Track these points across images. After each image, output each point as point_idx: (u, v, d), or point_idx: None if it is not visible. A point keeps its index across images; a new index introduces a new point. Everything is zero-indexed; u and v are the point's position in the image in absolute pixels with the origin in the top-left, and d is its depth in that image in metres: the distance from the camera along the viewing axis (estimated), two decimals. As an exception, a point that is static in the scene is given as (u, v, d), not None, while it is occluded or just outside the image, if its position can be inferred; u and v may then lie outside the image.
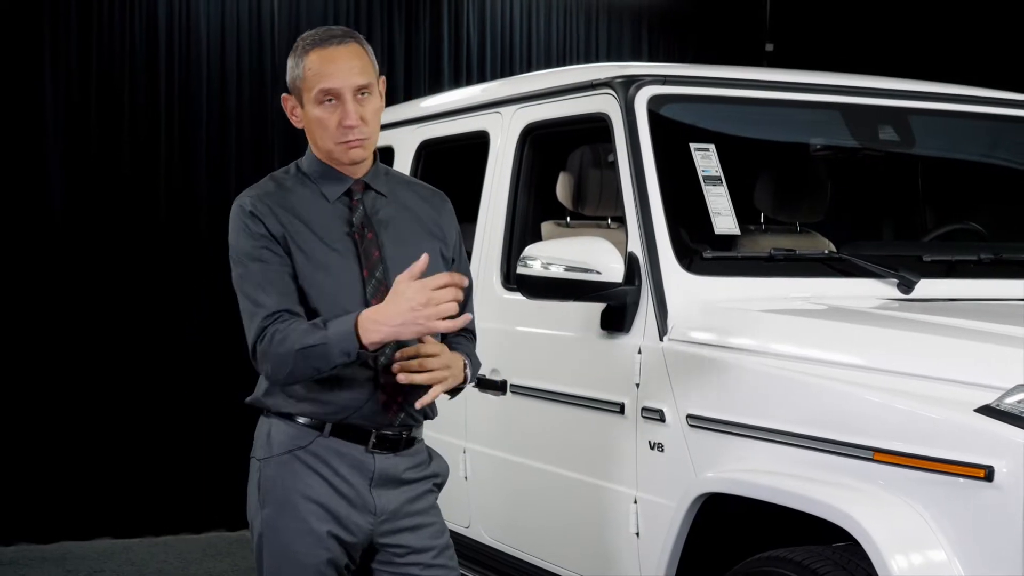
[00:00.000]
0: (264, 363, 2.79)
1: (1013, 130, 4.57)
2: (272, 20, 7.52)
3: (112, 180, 7.10)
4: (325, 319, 2.75)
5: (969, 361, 2.91)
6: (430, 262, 2.82)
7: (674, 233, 3.62)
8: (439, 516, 3.00)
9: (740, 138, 4.21)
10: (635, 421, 3.56)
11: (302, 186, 2.91)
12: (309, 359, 2.72)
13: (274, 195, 2.88)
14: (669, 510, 3.32)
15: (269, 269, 2.80)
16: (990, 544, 2.57)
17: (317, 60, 2.82)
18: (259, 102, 7.46)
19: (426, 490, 2.97)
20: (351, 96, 2.81)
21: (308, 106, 2.85)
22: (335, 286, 2.81)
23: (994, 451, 2.55)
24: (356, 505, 2.84)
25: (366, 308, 2.74)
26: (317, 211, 2.87)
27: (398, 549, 2.90)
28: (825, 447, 2.94)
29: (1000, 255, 4.01)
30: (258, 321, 2.78)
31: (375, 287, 2.82)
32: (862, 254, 3.82)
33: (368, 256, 2.85)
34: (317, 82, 2.81)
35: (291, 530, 2.84)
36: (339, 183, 2.90)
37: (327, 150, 2.87)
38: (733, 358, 3.29)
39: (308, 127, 2.89)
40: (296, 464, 2.84)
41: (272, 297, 2.78)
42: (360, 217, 2.88)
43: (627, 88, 3.80)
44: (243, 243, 2.83)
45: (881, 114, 4.27)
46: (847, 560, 2.78)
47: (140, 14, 7.18)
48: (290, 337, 2.72)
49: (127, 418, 7.11)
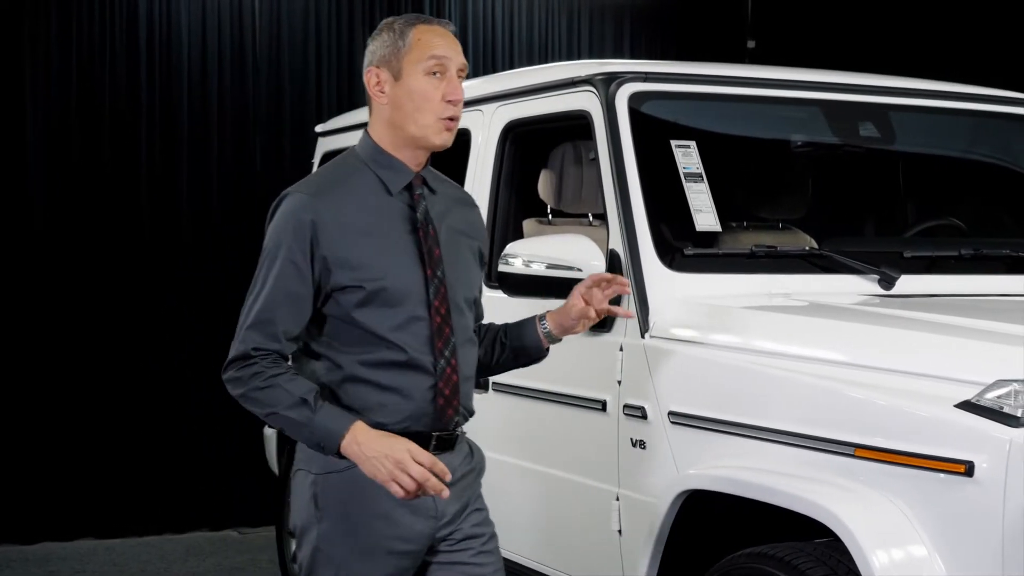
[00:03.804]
0: (234, 387, 2.72)
1: (993, 126, 4.59)
2: (253, 18, 7.50)
3: (93, 177, 7.08)
4: (316, 396, 2.66)
5: (949, 357, 2.92)
6: (472, 261, 2.84)
7: (655, 230, 3.62)
8: (485, 504, 2.95)
9: (721, 135, 4.21)
10: (617, 418, 3.56)
11: (361, 176, 2.79)
12: (280, 423, 2.69)
13: (333, 186, 2.77)
14: (651, 507, 3.32)
15: (291, 296, 2.70)
16: (971, 539, 2.57)
17: (427, 32, 2.77)
18: (240, 100, 7.44)
19: (473, 479, 2.91)
20: (456, 73, 2.77)
21: (410, 77, 2.74)
22: (399, 288, 2.72)
23: (974, 446, 2.55)
24: (419, 512, 2.75)
25: (429, 310, 2.72)
26: (377, 204, 2.77)
27: (452, 538, 2.83)
28: (807, 443, 2.94)
29: (980, 251, 4.03)
30: (249, 347, 2.70)
31: (436, 287, 2.75)
32: (843, 250, 3.82)
33: (431, 255, 2.76)
34: (429, 50, 2.74)
35: (350, 546, 2.75)
36: (401, 175, 2.79)
37: (420, 127, 2.75)
38: (715, 355, 3.29)
39: (399, 103, 2.77)
40: (358, 476, 2.69)
41: (278, 327, 2.70)
42: (423, 213, 2.79)
43: (608, 85, 3.80)
44: (281, 248, 2.71)
45: (861, 110, 4.28)
46: (829, 556, 2.79)
47: (121, 12, 7.15)
48: (274, 394, 2.66)
49: (109, 418, 7.09)
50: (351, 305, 2.70)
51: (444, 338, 2.75)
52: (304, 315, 2.72)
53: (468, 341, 2.84)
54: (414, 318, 2.73)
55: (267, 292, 2.72)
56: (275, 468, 6.05)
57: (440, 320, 2.74)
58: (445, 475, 2.63)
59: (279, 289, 2.71)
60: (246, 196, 7.41)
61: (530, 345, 2.99)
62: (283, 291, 2.71)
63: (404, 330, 2.72)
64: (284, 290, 2.70)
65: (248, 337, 2.71)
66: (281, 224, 2.73)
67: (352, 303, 2.70)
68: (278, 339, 2.71)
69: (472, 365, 2.87)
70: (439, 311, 2.74)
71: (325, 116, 6.88)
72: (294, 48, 7.62)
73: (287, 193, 2.77)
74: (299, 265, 2.70)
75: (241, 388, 2.70)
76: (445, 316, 2.75)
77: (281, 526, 5.78)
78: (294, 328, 2.73)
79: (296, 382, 2.69)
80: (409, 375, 2.73)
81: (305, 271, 2.70)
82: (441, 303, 2.75)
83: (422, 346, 2.73)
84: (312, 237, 2.70)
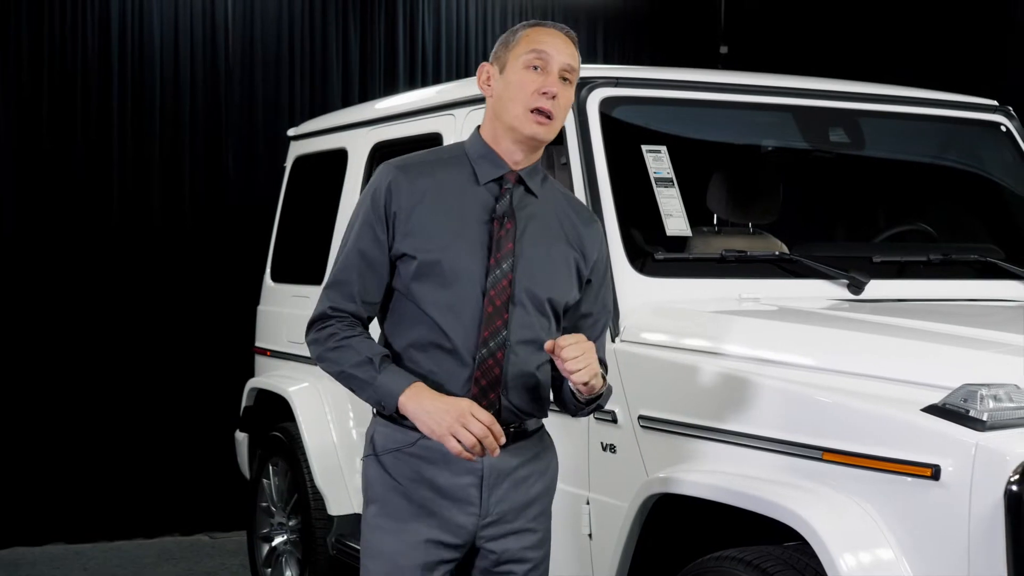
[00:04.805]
0: (314, 348, 2.82)
1: (962, 132, 4.62)
2: (226, 21, 7.48)
3: (64, 183, 7.04)
4: (384, 358, 2.73)
5: (916, 361, 2.94)
6: (561, 267, 2.82)
7: (626, 235, 3.63)
8: (546, 523, 2.91)
9: (692, 140, 4.23)
10: (587, 422, 3.56)
11: (458, 163, 2.84)
12: (348, 382, 2.78)
13: (425, 164, 2.84)
14: (621, 511, 3.33)
15: (366, 259, 2.79)
16: (938, 541, 2.58)
17: (538, 31, 2.81)
18: (212, 102, 7.42)
19: (539, 492, 2.88)
20: (557, 70, 2.78)
21: (511, 70, 2.78)
22: (454, 268, 2.74)
23: (940, 450, 2.57)
24: (460, 504, 2.76)
25: (483, 297, 2.73)
26: (461, 189, 2.80)
27: (495, 555, 2.81)
28: (775, 447, 2.96)
29: (949, 256, 4.06)
30: (327, 305, 2.81)
31: (497, 279, 2.74)
32: (813, 255, 3.85)
33: (500, 246, 2.75)
34: (531, 44, 2.78)
35: (387, 530, 2.79)
36: (495, 167, 2.81)
37: (512, 116, 2.77)
38: (685, 359, 3.30)
39: (499, 94, 2.80)
40: (398, 464, 2.78)
41: (354, 287, 2.79)
42: (504, 206, 2.79)
43: (579, 90, 3.81)
44: (364, 212, 2.81)
45: (832, 116, 4.31)
46: (797, 559, 2.80)
47: (92, 14, 7.12)
48: (345, 354, 2.76)
49: (78, 422, 7.06)
50: (408, 276, 2.77)
51: (493, 329, 2.74)
52: (380, 279, 2.81)
53: (532, 341, 2.79)
54: (464, 302, 2.74)
55: (345, 255, 2.83)
56: (246, 472, 6.04)
57: (492, 310, 2.74)
58: (501, 437, 2.67)
59: (356, 252, 2.81)
60: (218, 200, 7.39)
61: (568, 401, 2.91)
62: (359, 254, 2.80)
63: (451, 312, 2.74)
64: (360, 253, 2.80)
65: (326, 297, 2.83)
66: (366, 191, 2.85)
67: (409, 274, 2.77)
68: (354, 300, 2.80)
69: (532, 366, 2.81)
70: (494, 301, 2.74)
71: (298, 120, 6.87)
72: (266, 51, 7.60)
73: (382, 164, 2.88)
74: (375, 229, 2.78)
75: (319, 348, 2.81)
76: (499, 308, 2.74)
77: (252, 530, 5.77)
78: (371, 291, 2.81)
79: (367, 343, 2.77)
80: (449, 361, 2.75)
81: (380, 235, 2.78)
82: (498, 294, 2.74)
83: (467, 332, 2.74)
84: (386, 202, 2.78)
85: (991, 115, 4.60)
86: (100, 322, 7.12)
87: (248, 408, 5.92)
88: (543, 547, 2.91)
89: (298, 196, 5.97)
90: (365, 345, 2.77)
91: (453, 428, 2.65)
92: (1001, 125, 4.59)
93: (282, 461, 5.47)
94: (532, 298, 2.79)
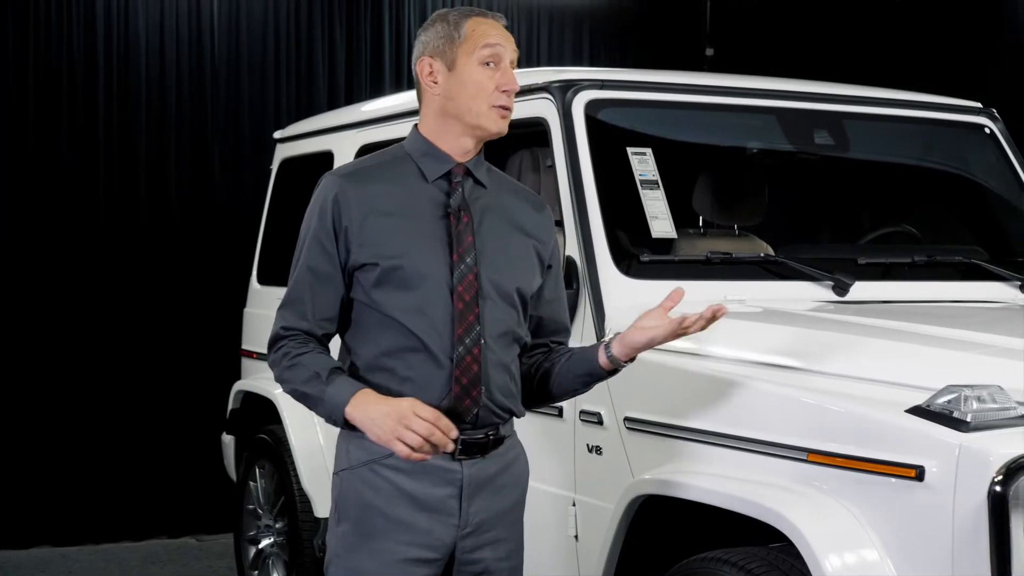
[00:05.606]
0: (272, 369, 2.79)
1: (946, 134, 4.64)
2: (212, 19, 7.47)
3: (50, 184, 7.02)
4: (332, 371, 2.68)
5: (901, 362, 2.96)
6: (523, 256, 2.80)
7: (611, 237, 3.63)
8: (519, 531, 2.86)
9: (677, 142, 4.23)
10: (573, 424, 3.57)
11: (401, 164, 2.80)
12: (303, 401, 2.73)
13: (369, 170, 2.80)
14: (607, 512, 3.33)
15: (318, 275, 2.75)
16: (922, 542, 2.59)
17: (481, 23, 2.78)
18: (198, 104, 7.40)
19: (515, 500, 2.84)
20: (509, 64, 2.78)
21: (464, 68, 2.74)
22: (417, 270, 2.69)
23: (925, 451, 2.58)
24: (439, 515, 2.70)
25: (451, 295, 2.68)
26: (410, 189, 2.77)
27: (471, 566, 2.75)
28: (760, 448, 2.96)
29: (933, 258, 4.07)
30: (279, 326, 2.78)
31: (463, 274, 2.70)
32: (798, 257, 3.86)
33: (460, 241, 2.72)
34: (483, 39, 2.75)
35: (365, 550, 2.71)
36: (441, 163, 2.78)
37: (475, 115, 2.75)
38: (670, 361, 3.31)
39: (452, 93, 2.76)
40: (375, 478, 2.70)
41: (306, 305, 2.75)
42: (458, 200, 2.75)
43: (564, 92, 3.82)
44: (312, 228, 2.77)
45: (816, 118, 4.31)
46: (782, 560, 2.80)
47: (78, 15, 7.10)
48: (296, 372, 2.71)
49: (64, 425, 7.04)
50: (369, 285, 2.71)
51: (466, 325, 2.69)
52: (335, 294, 2.76)
53: (504, 334, 2.77)
54: (433, 302, 2.69)
55: (297, 272, 2.79)
56: (233, 475, 6.03)
57: (463, 306, 2.69)
58: (450, 431, 2.59)
59: (306, 269, 2.77)
60: (204, 202, 7.38)
61: (594, 371, 2.87)
62: (309, 271, 2.76)
63: (420, 314, 2.69)
64: (311, 270, 2.76)
65: (280, 317, 2.79)
66: (312, 206, 2.80)
67: (370, 282, 2.71)
68: (307, 318, 2.76)
69: (508, 359, 2.78)
70: (463, 297, 2.70)
71: (284, 122, 6.87)
72: (252, 53, 7.59)
73: (324, 175, 2.83)
74: (324, 244, 2.74)
75: (276, 370, 2.78)
76: (469, 303, 2.70)
77: (239, 532, 5.77)
78: (325, 307, 2.76)
79: (318, 358, 2.72)
80: (426, 364, 2.69)
81: (331, 249, 2.74)
82: (466, 290, 2.70)
83: (439, 332, 2.69)
84: (335, 214, 2.73)
85: (975, 117, 4.61)
86: (86, 325, 7.10)
87: (234, 410, 5.91)
88: (517, 556, 2.86)
89: (284, 199, 5.97)
90: (315, 360, 2.71)
91: (396, 431, 2.57)
92: (985, 127, 4.60)
93: (269, 463, 5.47)
94: (499, 290, 2.76)
